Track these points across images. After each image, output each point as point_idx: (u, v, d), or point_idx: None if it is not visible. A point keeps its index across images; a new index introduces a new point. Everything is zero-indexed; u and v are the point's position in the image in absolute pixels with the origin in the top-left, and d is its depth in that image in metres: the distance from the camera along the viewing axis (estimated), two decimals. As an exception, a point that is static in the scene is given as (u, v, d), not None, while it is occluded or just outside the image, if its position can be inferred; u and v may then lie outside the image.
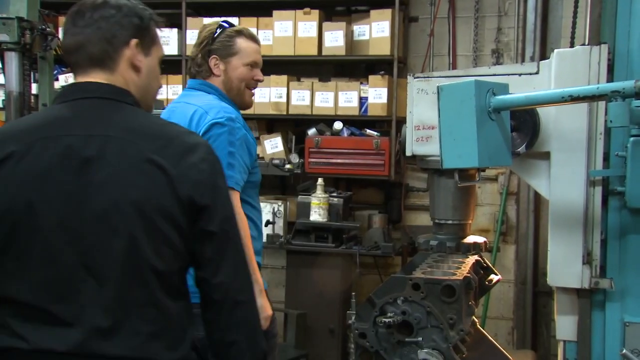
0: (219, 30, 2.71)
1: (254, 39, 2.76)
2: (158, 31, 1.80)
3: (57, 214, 1.51)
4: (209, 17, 5.13)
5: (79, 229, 1.51)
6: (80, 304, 1.51)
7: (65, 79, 5.17)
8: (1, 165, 1.52)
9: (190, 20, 5.17)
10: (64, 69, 5.18)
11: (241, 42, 2.69)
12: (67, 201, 1.51)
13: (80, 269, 1.51)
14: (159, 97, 3.28)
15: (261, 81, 2.79)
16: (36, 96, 3.77)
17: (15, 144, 1.54)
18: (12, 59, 3.40)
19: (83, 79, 1.65)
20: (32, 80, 3.63)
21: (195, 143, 1.63)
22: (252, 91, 2.77)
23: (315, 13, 4.86)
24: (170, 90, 5.12)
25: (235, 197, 2.33)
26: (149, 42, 1.73)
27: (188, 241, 1.57)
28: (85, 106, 1.61)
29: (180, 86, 4.96)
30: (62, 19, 5.43)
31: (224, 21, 2.78)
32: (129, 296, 1.53)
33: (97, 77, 1.64)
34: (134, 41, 1.67)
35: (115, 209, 1.51)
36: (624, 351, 2.00)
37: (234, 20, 5.00)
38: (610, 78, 2.05)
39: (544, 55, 4.64)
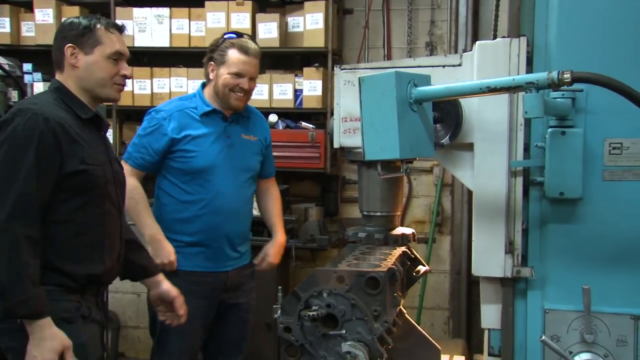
0: (221, 41, 3.16)
1: (244, 51, 3.14)
2: (107, 32, 2.41)
3: None
4: (139, 7, 5.03)
5: None
6: None
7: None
8: None
9: (119, 10, 5.06)
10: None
11: (231, 53, 3.13)
12: None
13: None
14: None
15: (245, 89, 3.16)
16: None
17: None
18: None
19: None
20: None
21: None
22: (239, 95, 3.14)
23: (249, 4, 4.83)
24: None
25: (125, 166, 2.89)
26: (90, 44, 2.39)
27: None
28: None
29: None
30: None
31: (232, 32, 3.26)
32: None
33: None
34: (67, 46, 2.38)
35: None
36: (544, 337, 2.04)
37: (164, 10, 4.95)
38: (530, 69, 2.08)
39: (475, 48, 4.72)
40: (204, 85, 3.25)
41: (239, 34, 3.22)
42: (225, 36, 3.22)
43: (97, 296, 2.45)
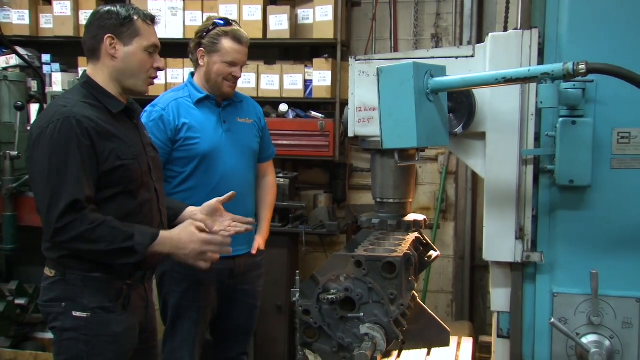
0: (211, 27, 3.11)
1: (238, 40, 3.13)
2: (145, 24, 2.38)
3: None
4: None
5: None
6: None
7: (6, 61, 4.98)
8: None
9: (135, 2, 5.02)
10: (4, 50, 4.98)
11: (225, 42, 3.10)
12: None
13: None
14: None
15: (238, 77, 3.18)
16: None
17: None
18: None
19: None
20: None
21: (41, 114, 2.36)
22: (231, 83, 3.15)
23: (260, -4, 4.81)
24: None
25: None
26: (129, 34, 2.35)
27: None
28: None
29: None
30: None
31: (219, 18, 3.20)
32: None
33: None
34: (106, 36, 2.34)
35: None
36: (552, 320, 2.04)
37: (178, 3, 4.93)
38: (541, 61, 2.07)
39: (480, 39, 4.71)
40: (193, 74, 3.24)
41: (227, 21, 3.19)
42: (215, 22, 3.17)
43: (143, 281, 2.47)
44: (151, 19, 2.43)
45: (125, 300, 2.37)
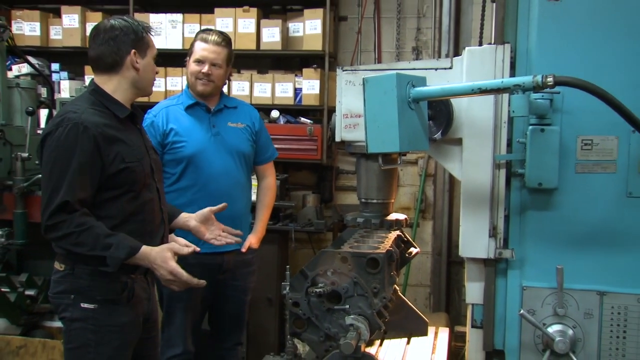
0: (194, 39, 3.17)
1: (204, 40, 3.13)
2: (149, 36, 2.42)
3: None
4: (155, 12, 5.00)
5: None
6: None
7: (18, 69, 4.94)
8: None
9: (137, 16, 4.99)
10: (17, 59, 4.94)
11: (195, 44, 3.14)
12: None
13: None
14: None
15: (207, 74, 3.11)
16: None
17: None
18: (-35, 50, 3.31)
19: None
20: None
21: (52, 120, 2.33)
22: (204, 81, 3.11)
23: (254, 11, 4.80)
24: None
25: None
26: (144, 47, 2.39)
27: None
28: None
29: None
30: (14, 12, 5.21)
31: (204, 28, 3.30)
32: None
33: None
34: (132, 51, 2.36)
35: None
36: (522, 311, 2.06)
37: (178, 16, 4.91)
38: (513, 73, 2.08)
39: (457, 53, 4.73)
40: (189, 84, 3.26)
41: (207, 29, 3.25)
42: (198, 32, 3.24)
43: (145, 274, 2.46)
44: (152, 31, 2.48)
45: (130, 292, 2.36)
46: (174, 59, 4.56)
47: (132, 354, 2.43)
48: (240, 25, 4.80)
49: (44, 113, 4.48)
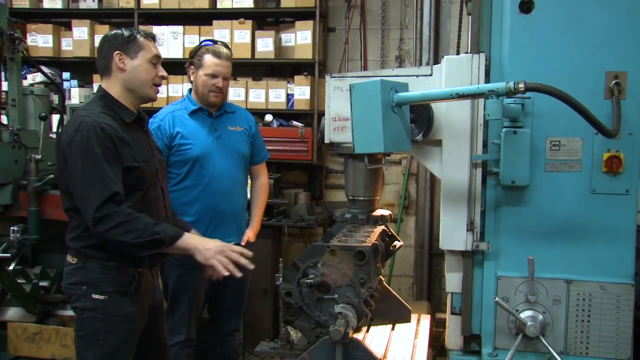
0: (199, 48, 3.12)
1: (217, 55, 3.10)
2: (146, 40, 2.38)
3: None
4: (158, 25, 4.97)
5: None
6: None
7: (32, 78, 4.90)
8: None
9: (141, 28, 4.96)
10: (31, 69, 4.90)
11: (207, 58, 3.09)
12: None
13: None
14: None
15: (222, 88, 3.13)
16: (6, 92, 3.63)
17: None
18: (-17, 61, 3.30)
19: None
20: (2, 79, 3.49)
21: (67, 125, 2.31)
22: (216, 93, 3.11)
23: (249, 23, 4.79)
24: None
25: None
26: (134, 49, 2.34)
27: None
28: None
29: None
30: (29, 26, 5.18)
31: (206, 40, 3.20)
32: None
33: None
34: (115, 52, 2.33)
35: None
36: (497, 299, 2.07)
37: (178, 28, 4.89)
38: (488, 80, 2.09)
39: (436, 61, 4.73)
40: (190, 90, 3.22)
41: (214, 41, 3.19)
42: (202, 43, 3.18)
43: (151, 268, 2.45)
44: (152, 37, 2.44)
45: (137, 285, 2.36)
46: (175, 67, 4.53)
47: (141, 339, 2.43)
48: (237, 36, 4.78)
49: (55, 118, 4.46)
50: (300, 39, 4.75)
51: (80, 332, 2.31)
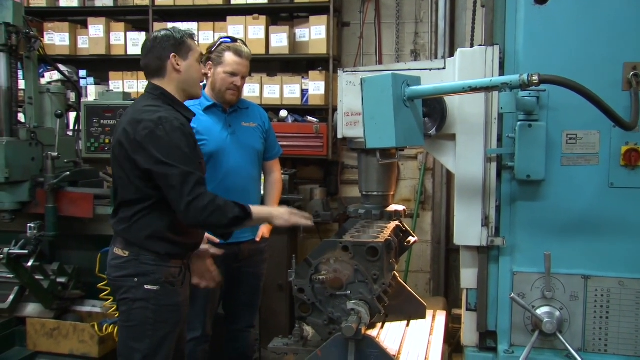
0: (218, 44, 3.10)
1: (238, 54, 3.09)
2: (192, 41, 2.46)
3: None
4: (173, 22, 4.99)
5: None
6: None
7: (50, 76, 4.96)
8: None
9: (156, 24, 5.03)
10: (48, 67, 4.97)
11: (227, 56, 3.08)
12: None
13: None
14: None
15: (239, 86, 3.12)
16: (23, 90, 3.68)
17: None
18: (1, 59, 3.34)
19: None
20: (19, 77, 3.54)
21: (141, 119, 2.29)
22: (233, 91, 3.11)
23: (263, 19, 4.79)
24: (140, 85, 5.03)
25: None
26: (185, 51, 2.42)
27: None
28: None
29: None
30: (46, 24, 5.24)
31: (225, 37, 3.18)
32: None
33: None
34: (171, 55, 2.40)
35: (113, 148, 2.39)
36: (512, 295, 2.05)
37: (193, 24, 4.90)
38: (502, 73, 2.06)
39: (452, 55, 4.66)
40: (205, 86, 3.20)
41: (234, 39, 3.17)
42: (221, 40, 3.16)
43: (187, 260, 2.54)
44: (194, 37, 2.51)
45: (184, 276, 2.45)
46: (190, 64, 4.55)
47: None
48: (251, 32, 4.79)
49: (72, 116, 4.51)
50: (314, 34, 4.74)
51: (129, 322, 2.37)
